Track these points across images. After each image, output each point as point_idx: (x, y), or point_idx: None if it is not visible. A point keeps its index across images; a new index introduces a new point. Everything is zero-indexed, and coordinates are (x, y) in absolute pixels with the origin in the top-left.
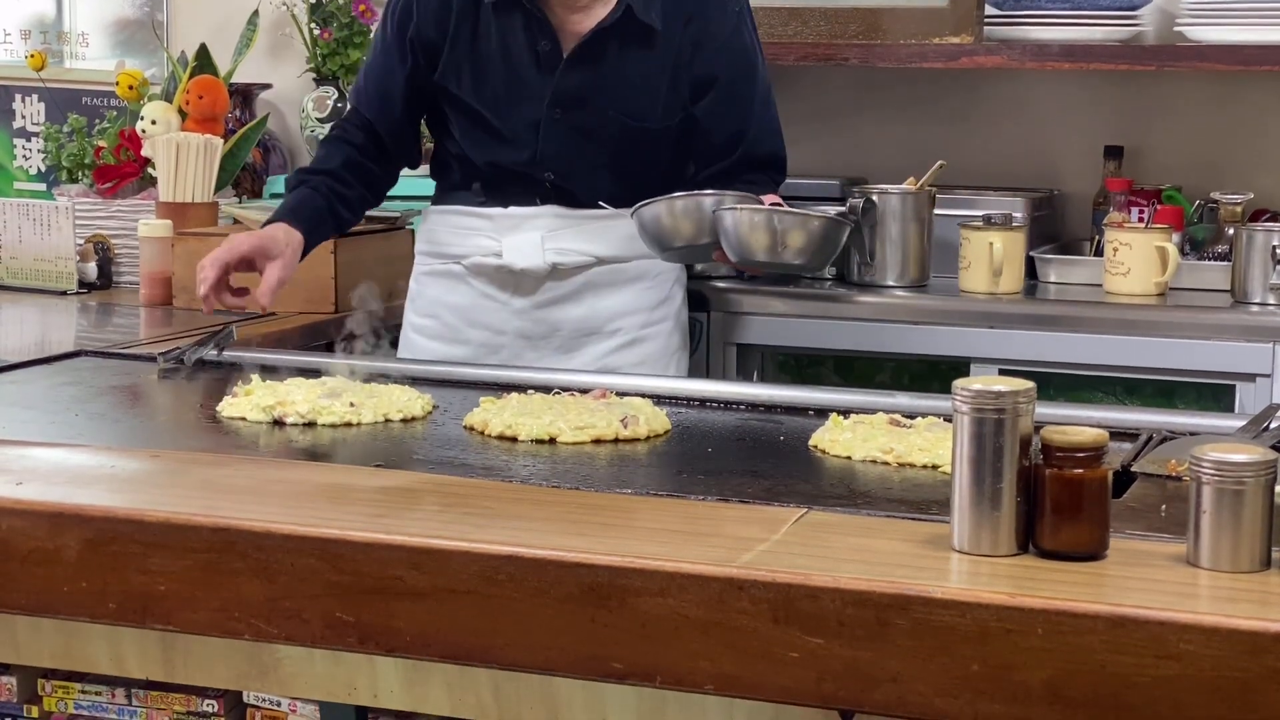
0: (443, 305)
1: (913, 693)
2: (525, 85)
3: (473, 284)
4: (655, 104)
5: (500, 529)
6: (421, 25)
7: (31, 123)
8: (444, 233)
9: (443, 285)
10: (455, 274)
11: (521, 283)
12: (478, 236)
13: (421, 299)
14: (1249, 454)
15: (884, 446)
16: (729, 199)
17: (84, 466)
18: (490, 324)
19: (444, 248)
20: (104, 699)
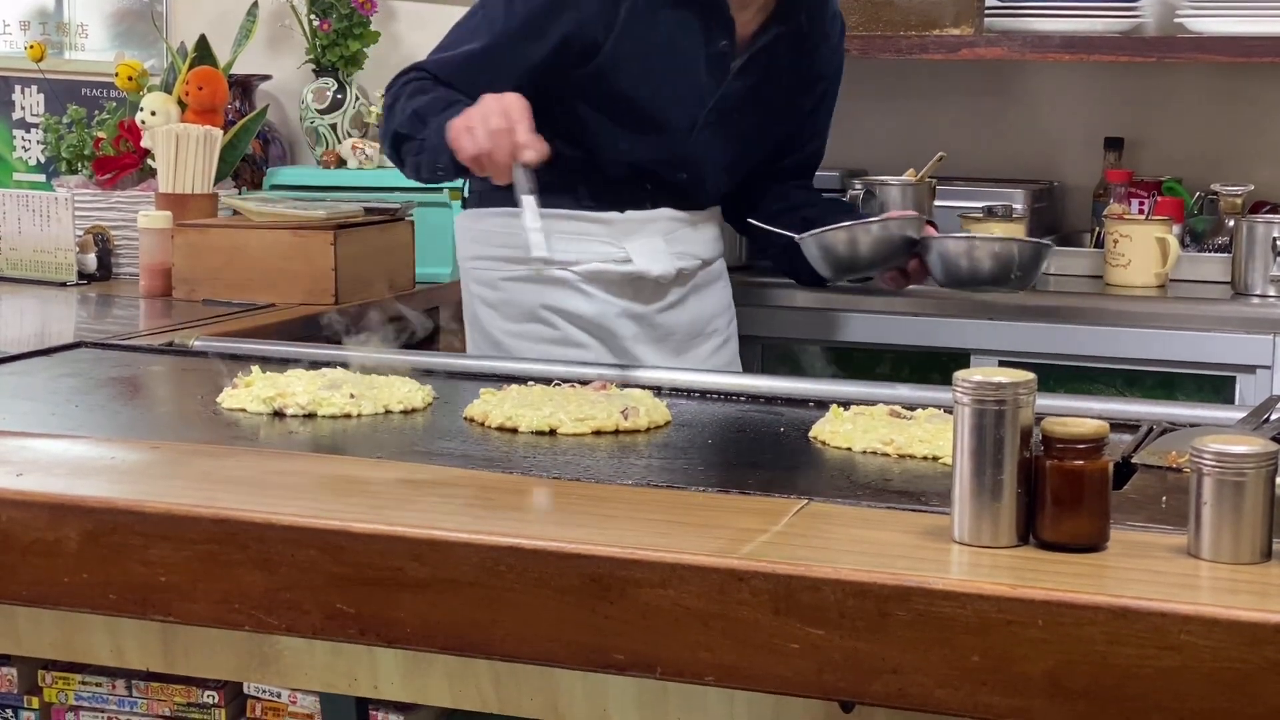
0: (555, 312)
1: (913, 684)
2: (693, 84)
3: (589, 290)
4: (801, 109)
5: (501, 520)
6: (585, 16)
7: (31, 114)
8: (497, 235)
9: (551, 293)
10: (567, 281)
11: (642, 288)
12: (593, 243)
13: (517, 306)
14: (1249, 445)
15: (884, 438)
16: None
17: (84, 458)
18: (612, 331)
19: (497, 250)
20: (104, 690)
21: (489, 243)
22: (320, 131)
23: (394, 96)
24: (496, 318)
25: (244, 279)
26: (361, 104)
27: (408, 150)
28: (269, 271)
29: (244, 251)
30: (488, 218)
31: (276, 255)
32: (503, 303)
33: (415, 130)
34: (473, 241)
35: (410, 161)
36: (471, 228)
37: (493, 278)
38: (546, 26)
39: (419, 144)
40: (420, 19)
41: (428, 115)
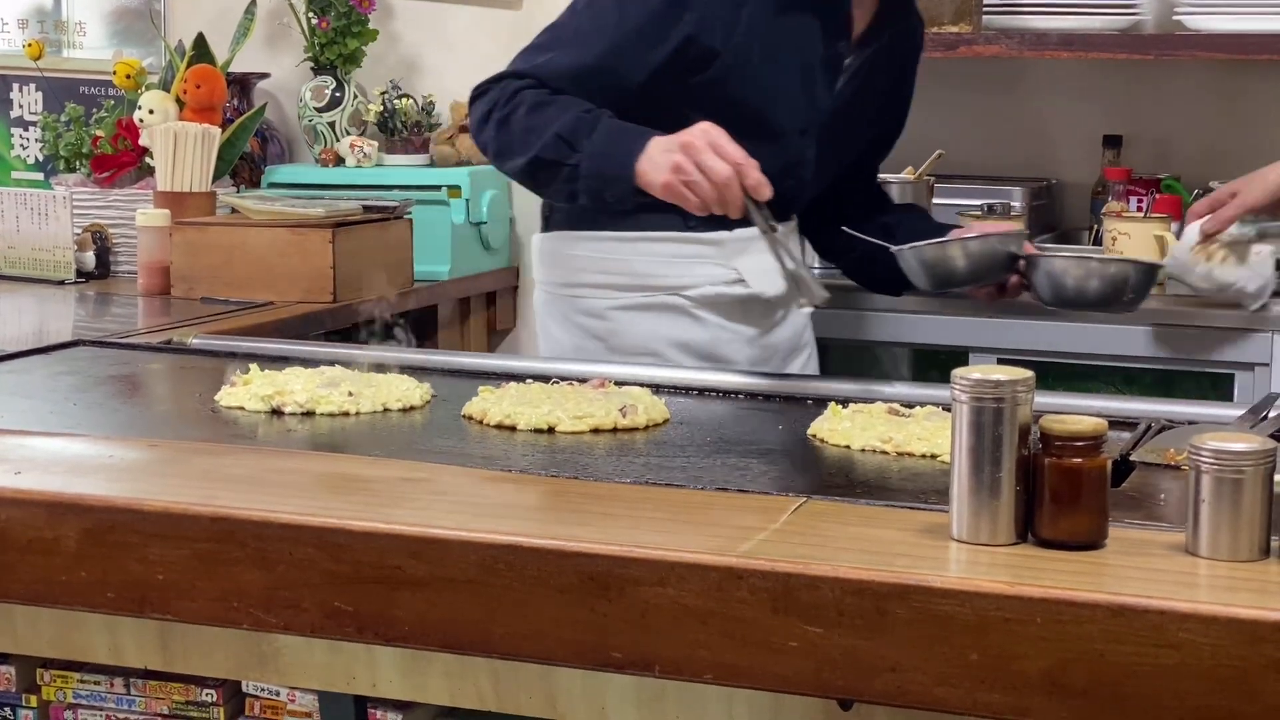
0: (665, 341)
1: (912, 682)
2: (809, 89)
3: (701, 316)
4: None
5: (499, 518)
6: (704, 18)
7: (29, 112)
8: (644, 262)
9: (660, 320)
10: (675, 307)
11: (752, 310)
12: (703, 265)
13: (626, 336)
14: (1248, 443)
15: (883, 435)
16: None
17: (82, 456)
18: (724, 357)
19: (650, 279)
20: (103, 688)
21: (593, 269)
22: (318, 130)
23: (504, 109)
24: (605, 350)
25: (242, 277)
26: (360, 102)
27: (555, 176)
28: (267, 270)
29: (242, 250)
30: (590, 241)
31: (275, 253)
32: (611, 334)
33: (564, 155)
34: (569, 268)
35: (561, 188)
36: (567, 252)
37: (599, 307)
38: (665, 30)
39: (571, 170)
40: (419, 17)
41: (576, 137)
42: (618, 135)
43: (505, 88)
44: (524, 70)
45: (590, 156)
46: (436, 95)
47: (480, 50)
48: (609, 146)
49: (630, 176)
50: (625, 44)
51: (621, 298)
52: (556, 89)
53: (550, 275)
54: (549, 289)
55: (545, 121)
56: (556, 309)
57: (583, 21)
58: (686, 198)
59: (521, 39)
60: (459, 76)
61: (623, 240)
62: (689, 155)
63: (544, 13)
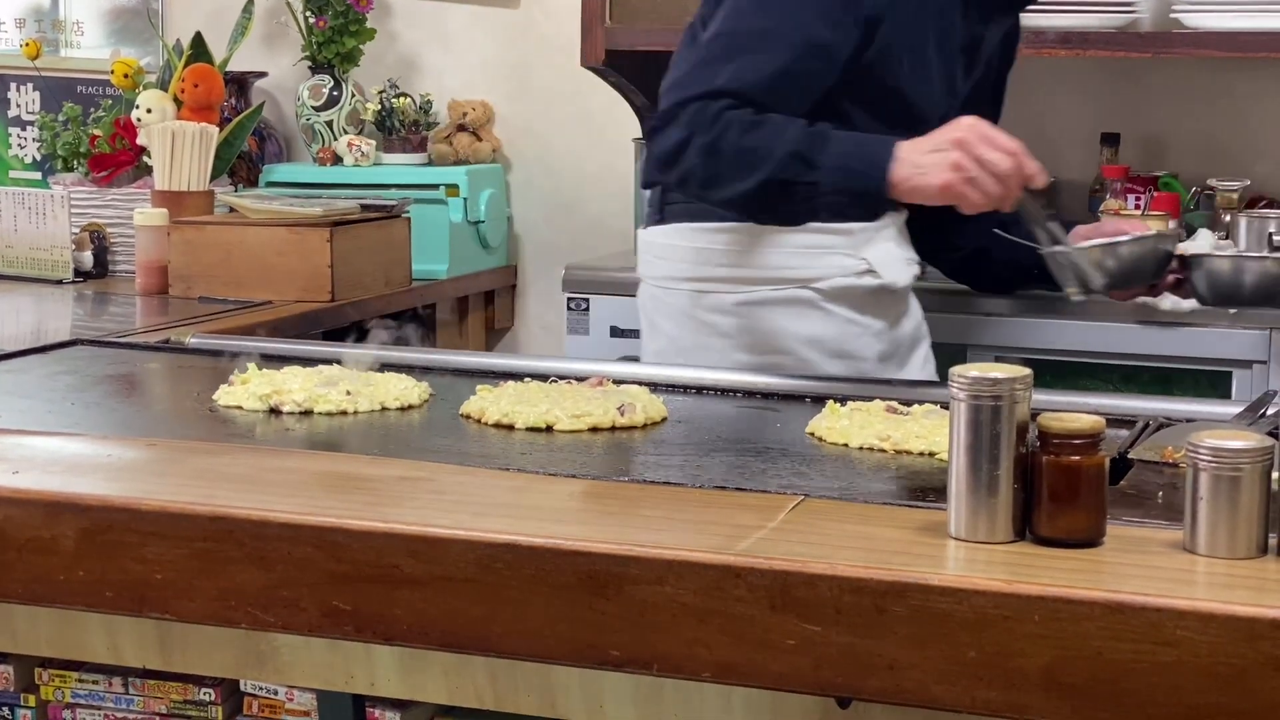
0: (795, 338)
1: (910, 680)
2: (950, 73)
3: (830, 309)
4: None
5: (497, 517)
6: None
7: (27, 111)
8: (774, 254)
9: (789, 315)
10: (804, 300)
11: (879, 302)
12: (832, 255)
13: (756, 334)
14: (1245, 440)
15: (881, 434)
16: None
17: (80, 455)
18: (853, 352)
19: (780, 271)
20: (101, 688)
21: (718, 261)
22: (316, 128)
23: (708, 134)
24: (731, 348)
25: (240, 276)
26: (357, 101)
27: (789, 196)
28: (265, 268)
29: (240, 249)
30: (715, 233)
31: (272, 252)
32: (739, 330)
33: (800, 174)
34: (691, 261)
35: (795, 208)
36: (689, 244)
37: (725, 302)
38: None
39: (808, 188)
40: (416, 16)
41: (811, 154)
42: (858, 146)
43: (702, 112)
44: (716, 89)
45: (831, 171)
46: (434, 94)
47: (478, 49)
48: (850, 159)
49: (883, 187)
50: (818, 37)
51: (750, 291)
52: (754, 103)
53: (667, 270)
54: (664, 284)
55: (768, 141)
56: (674, 305)
57: (764, 22)
58: (967, 196)
59: (520, 38)
60: (457, 75)
61: (751, 232)
62: (966, 151)
63: (542, 12)
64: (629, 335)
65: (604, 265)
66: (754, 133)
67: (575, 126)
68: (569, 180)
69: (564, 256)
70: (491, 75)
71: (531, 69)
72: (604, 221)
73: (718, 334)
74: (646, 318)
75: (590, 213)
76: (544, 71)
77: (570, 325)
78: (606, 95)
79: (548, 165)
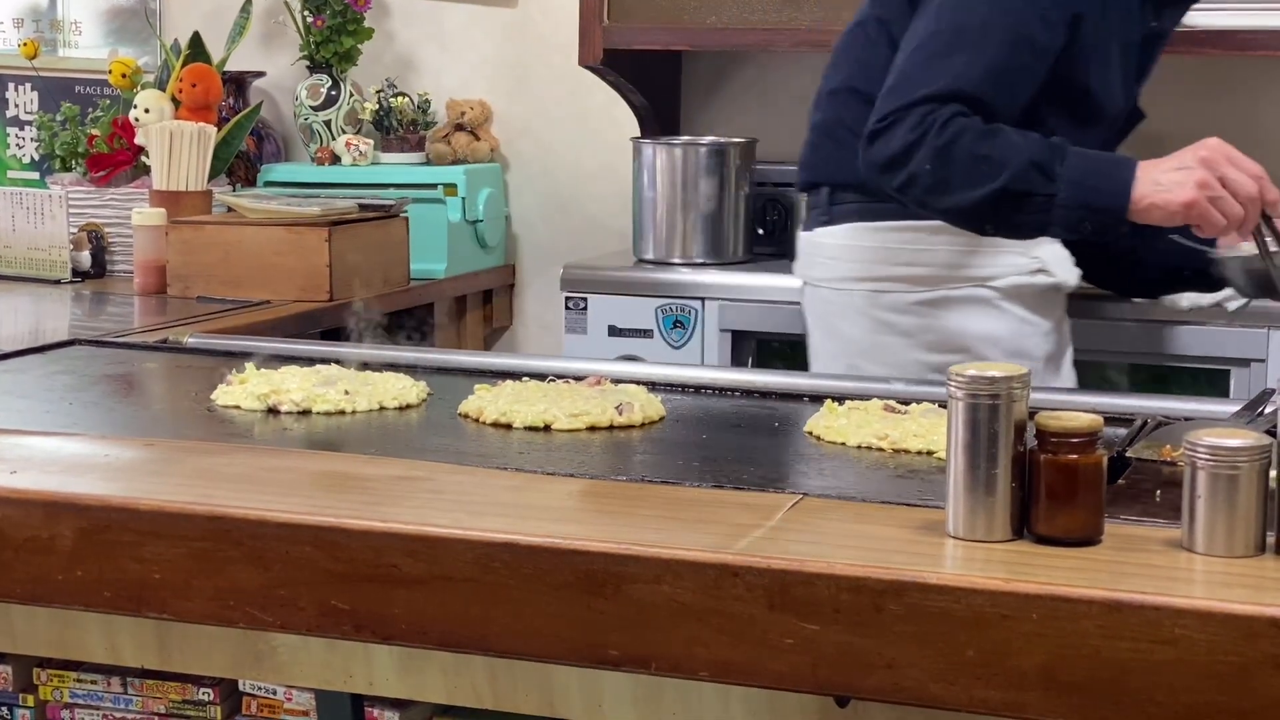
0: (973, 336)
1: (908, 678)
2: (1128, 73)
3: (1004, 308)
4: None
5: (495, 516)
6: None
7: (25, 111)
8: (950, 253)
9: (966, 314)
10: (980, 299)
11: (1048, 302)
12: (1006, 254)
13: (936, 332)
14: (1243, 439)
15: (879, 432)
16: None
17: (78, 455)
18: (1025, 351)
19: (957, 269)
20: (100, 688)
21: (895, 260)
22: (314, 128)
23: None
24: (910, 347)
25: (238, 276)
26: (355, 100)
27: (1022, 208)
28: (263, 268)
29: (238, 248)
30: (892, 232)
31: (271, 252)
32: (918, 329)
33: (1037, 185)
34: (867, 261)
35: (1026, 220)
36: (864, 245)
37: (903, 302)
38: (1064, 10)
39: (1044, 200)
40: (414, 15)
41: (1050, 166)
42: (1098, 161)
43: (931, 115)
44: (942, 92)
45: (1070, 185)
46: (432, 93)
47: (476, 49)
48: (1091, 174)
49: (1124, 205)
50: (1032, 33)
51: (928, 290)
52: (978, 102)
53: (842, 271)
54: (839, 285)
55: (1004, 151)
56: (851, 306)
57: (980, 18)
58: (1210, 216)
59: (517, 37)
60: (455, 75)
61: (930, 230)
62: (1212, 170)
63: (540, 11)
64: (627, 334)
65: (602, 264)
66: (989, 141)
67: (573, 126)
68: (567, 179)
69: (562, 256)
70: (489, 75)
71: (529, 68)
72: (602, 221)
73: (898, 333)
74: (819, 321)
75: (588, 212)
76: (542, 71)
77: (568, 324)
78: (604, 94)
79: (546, 164)
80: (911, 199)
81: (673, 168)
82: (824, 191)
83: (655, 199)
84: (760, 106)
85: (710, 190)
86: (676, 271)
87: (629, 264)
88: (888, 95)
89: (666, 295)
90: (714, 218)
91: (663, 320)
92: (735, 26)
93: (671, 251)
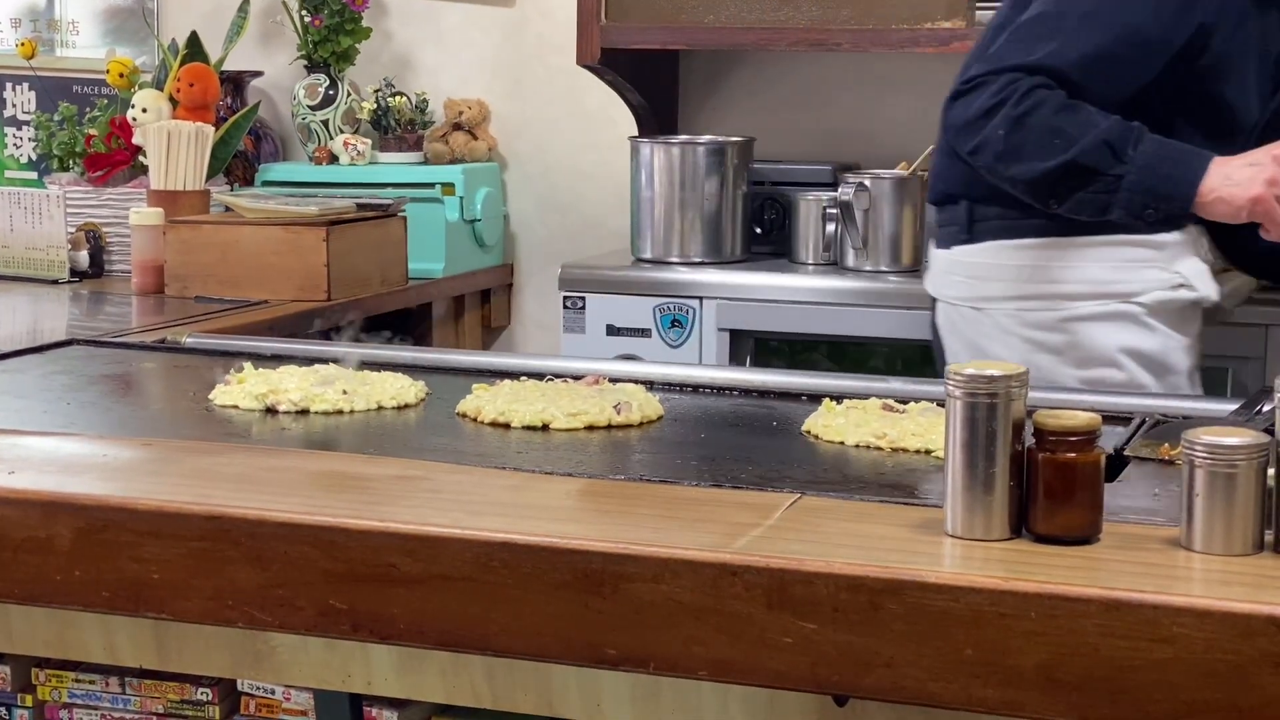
0: (1123, 352)
1: (906, 677)
2: (1264, 86)
3: (1150, 323)
4: None
5: (494, 516)
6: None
7: (22, 111)
8: (1097, 268)
9: (1115, 329)
10: (1127, 315)
11: (1189, 317)
12: (1149, 269)
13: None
14: (1241, 437)
15: (877, 431)
16: None
17: (76, 455)
18: (1171, 366)
19: (1104, 286)
20: (98, 688)
21: (1042, 278)
22: (312, 128)
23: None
24: (1061, 364)
25: (236, 275)
26: (353, 100)
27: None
28: (261, 268)
29: (236, 248)
30: (1037, 249)
31: (269, 251)
32: (1069, 346)
33: (1106, 164)
34: (1012, 279)
35: (1089, 199)
36: (1008, 263)
37: (1050, 319)
38: (1185, 15)
39: (1111, 181)
40: (412, 15)
41: (1122, 147)
42: (1171, 150)
43: (1014, 84)
44: (1031, 64)
45: (1140, 169)
46: (430, 93)
47: (474, 48)
48: (1162, 161)
49: (1190, 195)
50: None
51: (1074, 307)
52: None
53: (986, 290)
54: (982, 304)
55: (1080, 125)
56: (997, 325)
57: (1089, 5)
58: (1276, 214)
59: (515, 37)
60: (452, 74)
61: (1074, 246)
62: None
63: (538, 10)
64: (625, 334)
65: (600, 264)
66: (1066, 114)
67: (571, 125)
68: (565, 179)
69: (560, 255)
70: (487, 74)
71: (527, 67)
72: (600, 220)
73: (1046, 350)
74: (960, 340)
75: (586, 211)
76: (539, 70)
77: (566, 324)
78: (602, 94)
79: (544, 164)
80: (982, 164)
81: (670, 167)
82: (962, 206)
83: (653, 198)
84: (758, 106)
85: (708, 189)
86: (674, 271)
87: (627, 263)
88: (977, 61)
89: (664, 294)
90: (712, 217)
91: (661, 319)
92: (733, 26)
93: (669, 251)
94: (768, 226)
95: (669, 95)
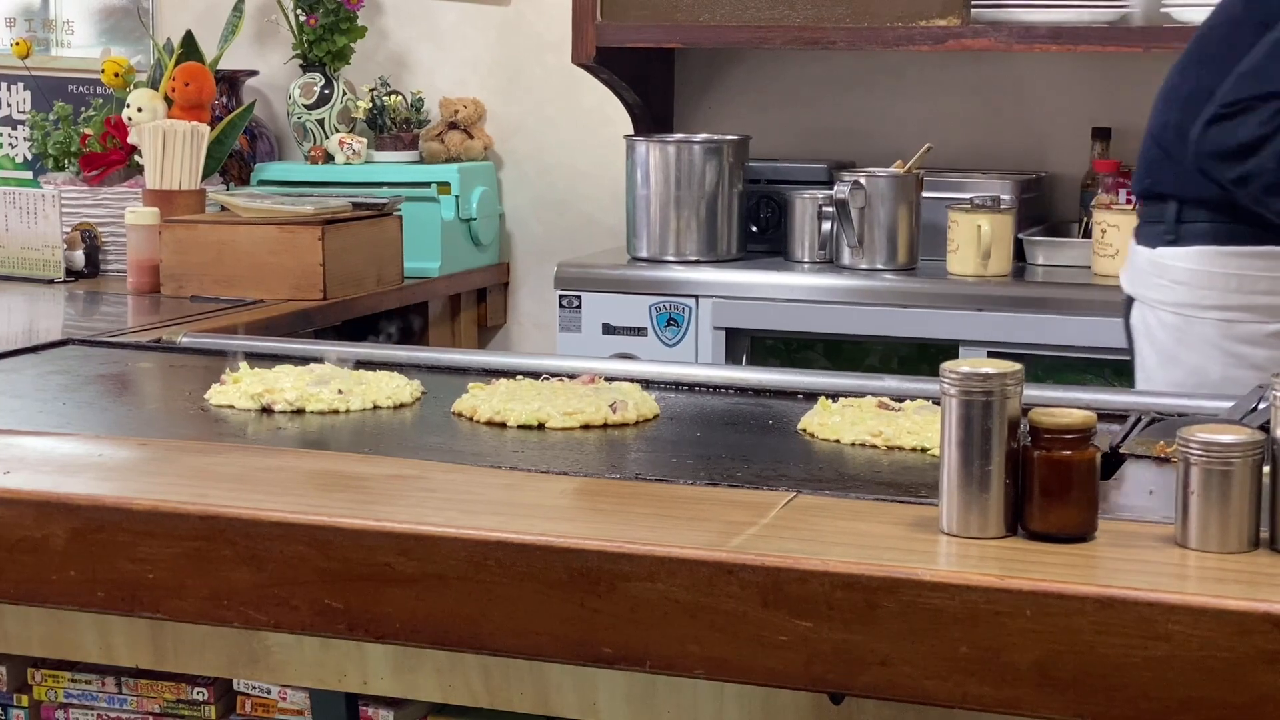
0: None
1: (902, 675)
2: None
3: None
4: None
5: (489, 515)
6: None
7: (17, 111)
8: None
9: None
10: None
11: None
12: None
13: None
14: (1236, 435)
15: (873, 430)
16: None
17: (72, 455)
18: None
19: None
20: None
21: (1254, 289)
22: (308, 127)
23: None
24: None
25: (232, 275)
26: (349, 99)
27: None
28: (257, 267)
29: (232, 247)
30: (1254, 259)
31: (264, 251)
32: (1273, 362)
33: None
34: (1219, 289)
35: None
36: (1217, 271)
37: (1259, 333)
38: None
39: None
40: (407, 14)
41: None
42: None
43: None
44: None
45: None
46: (425, 92)
47: (469, 47)
48: None
49: None
50: None
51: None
52: None
53: (1190, 297)
54: (1185, 311)
55: None
56: (1199, 335)
57: None
58: None
59: (511, 35)
60: (448, 73)
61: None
62: None
63: (533, 9)
64: (621, 332)
65: (596, 262)
66: None
67: (567, 124)
68: (561, 177)
69: (556, 254)
70: (483, 73)
71: (522, 66)
72: (596, 219)
73: (1250, 366)
74: (1156, 346)
75: (582, 210)
76: (535, 69)
77: (562, 323)
78: (598, 92)
79: (539, 163)
80: (1247, 195)
81: (666, 165)
82: (1170, 206)
83: (649, 197)
84: (753, 104)
85: (704, 188)
86: (670, 269)
87: (623, 262)
88: (1239, 82)
89: (660, 293)
90: (707, 215)
91: (656, 318)
92: (728, 24)
93: (665, 249)
94: (763, 225)
95: (664, 94)
